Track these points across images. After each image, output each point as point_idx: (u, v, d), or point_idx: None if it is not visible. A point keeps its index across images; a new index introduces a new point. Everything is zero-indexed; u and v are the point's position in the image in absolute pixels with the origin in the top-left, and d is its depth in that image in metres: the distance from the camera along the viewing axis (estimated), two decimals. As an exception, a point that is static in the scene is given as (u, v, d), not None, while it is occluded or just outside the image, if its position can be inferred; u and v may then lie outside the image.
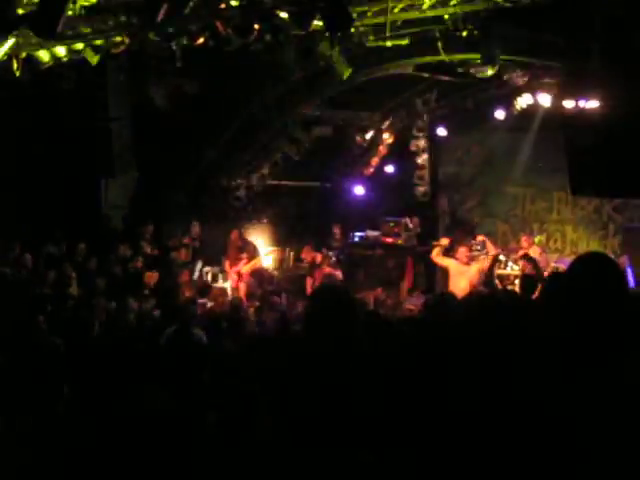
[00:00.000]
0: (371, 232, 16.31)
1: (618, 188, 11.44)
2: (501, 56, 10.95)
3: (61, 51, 10.23)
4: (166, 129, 13.79)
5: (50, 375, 5.58)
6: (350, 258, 16.00)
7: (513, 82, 12.64)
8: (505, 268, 14.18)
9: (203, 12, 9.69)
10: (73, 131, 13.09)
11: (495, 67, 11.23)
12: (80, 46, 10.18)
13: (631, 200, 14.77)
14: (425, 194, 16.67)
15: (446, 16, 10.31)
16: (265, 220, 16.80)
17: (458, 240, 14.13)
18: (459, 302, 3.07)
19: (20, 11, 8.91)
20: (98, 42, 10.16)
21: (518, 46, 11.19)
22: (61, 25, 8.42)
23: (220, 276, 14.85)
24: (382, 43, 10.92)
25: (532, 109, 14.33)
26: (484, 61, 10.76)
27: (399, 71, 13.30)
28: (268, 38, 10.14)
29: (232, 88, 13.56)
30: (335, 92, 14.15)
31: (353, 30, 9.94)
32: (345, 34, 9.73)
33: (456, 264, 12.67)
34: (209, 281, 14.58)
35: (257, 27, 9.88)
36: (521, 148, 15.52)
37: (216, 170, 15.26)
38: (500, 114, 14.84)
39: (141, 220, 14.36)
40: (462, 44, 11.01)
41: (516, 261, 14.09)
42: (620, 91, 9.96)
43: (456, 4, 9.90)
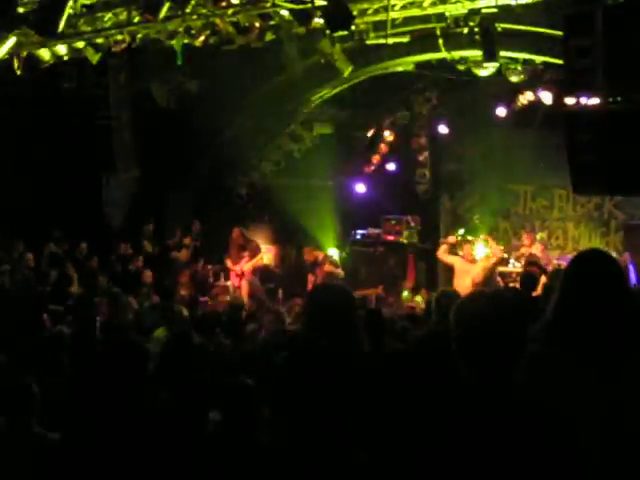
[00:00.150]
0: (372, 230, 16.31)
1: (619, 185, 11.41)
2: (502, 53, 10.95)
3: (62, 49, 10.25)
4: (167, 127, 13.79)
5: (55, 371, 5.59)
6: (351, 256, 16.01)
7: (514, 79, 12.63)
8: (507, 265, 14.17)
9: (204, 10, 9.71)
10: (74, 130, 13.08)
11: (496, 64, 11.23)
12: (81, 44, 10.20)
13: (632, 197, 14.76)
14: (426, 192, 16.67)
15: (447, 13, 10.31)
16: (267, 218, 16.80)
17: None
18: (462, 300, 3.06)
19: (21, 10, 8.93)
20: (99, 40, 10.17)
21: (519, 43, 11.19)
22: (62, 24, 8.44)
23: (222, 274, 14.86)
24: (383, 41, 10.91)
25: (533, 106, 14.32)
26: (485, 58, 10.74)
27: (400, 69, 13.30)
28: (269, 36, 10.17)
29: (233, 86, 13.55)
30: (336, 90, 14.16)
31: (354, 28, 9.93)
32: (346, 32, 9.73)
33: (461, 262, 12.80)
34: (211, 279, 14.59)
35: (258, 25, 9.90)
36: (522, 145, 15.51)
37: (217, 168, 15.26)
38: (501, 111, 14.82)
39: (142, 219, 14.36)
40: (463, 41, 11.01)
41: (518, 258, 14.10)
42: (622, 88, 9.94)
43: (457, 1, 9.90)
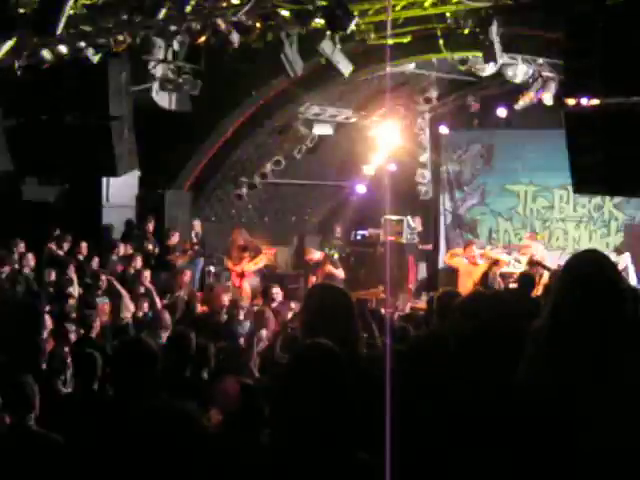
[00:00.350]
0: (373, 230, 16.32)
1: (620, 186, 11.39)
2: (502, 53, 10.94)
3: (63, 50, 10.24)
4: (168, 128, 13.78)
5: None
6: (352, 256, 16.01)
7: (515, 80, 12.62)
8: (507, 266, 14.18)
9: (204, 10, 9.70)
10: (74, 130, 13.07)
11: (497, 65, 11.22)
12: (81, 45, 10.19)
13: (633, 198, 14.75)
14: (427, 192, 16.68)
15: (448, 14, 10.30)
16: (266, 219, 16.80)
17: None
18: (461, 300, 3.07)
19: (21, 10, 8.93)
20: (100, 41, 10.16)
21: (520, 43, 11.18)
22: (62, 24, 8.44)
23: (222, 275, 14.85)
24: (384, 41, 10.91)
25: (534, 107, 14.32)
26: (486, 59, 10.74)
27: (401, 69, 13.29)
28: (270, 37, 10.16)
29: (233, 87, 13.55)
30: (337, 90, 14.16)
31: (354, 28, 9.93)
32: (346, 32, 9.72)
33: (465, 264, 13.04)
34: (211, 280, 14.58)
35: (258, 25, 9.89)
36: (523, 146, 15.51)
37: (218, 169, 15.26)
38: (502, 112, 14.82)
39: (143, 219, 14.36)
40: (464, 42, 11.00)
41: (518, 259, 14.11)
42: (623, 88, 9.93)
43: (458, 2, 9.89)
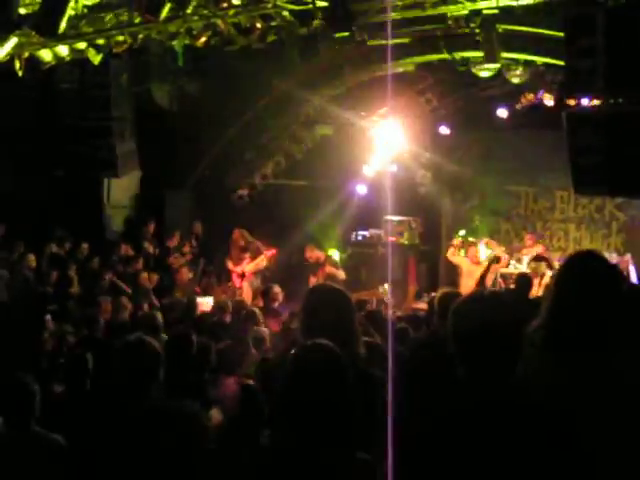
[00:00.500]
0: (374, 231, 16.31)
1: (621, 187, 11.40)
2: (503, 54, 10.94)
3: (63, 50, 10.24)
4: (168, 129, 13.80)
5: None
6: (353, 257, 16.00)
7: (515, 81, 12.62)
8: (508, 267, 14.18)
9: (205, 11, 9.70)
10: (75, 130, 13.08)
11: (497, 65, 11.23)
12: (82, 45, 10.19)
13: (634, 199, 14.75)
14: (428, 193, 16.67)
15: (448, 14, 10.30)
16: (267, 220, 16.79)
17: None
18: (460, 301, 3.07)
19: (22, 10, 8.93)
20: (100, 41, 10.16)
21: (520, 44, 11.18)
22: (63, 24, 8.44)
23: (223, 276, 14.85)
24: (384, 42, 10.90)
25: (534, 107, 14.32)
26: (486, 60, 10.74)
27: (401, 70, 13.30)
28: (271, 37, 10.16)
29: (234, 87, 13.56)
30: (337, 91, 14.16)
31: (355, 29, 9.92)
32: (347, 33, 9.73)
33: (468, 263, 13.15)
34: (212, 281, 14.58)
35: (259, 26, 9.89)
36: (523, 147, 15.51)
37: (219, 169, 15.26)
38: (502, 113, 14.83)
39: (143, 220, 14.36)
40: (464, 43, 11.00)
41: (519, 260, 14.12)
42: (623, 89, 9.93)
43: (458, 2, 9.89)
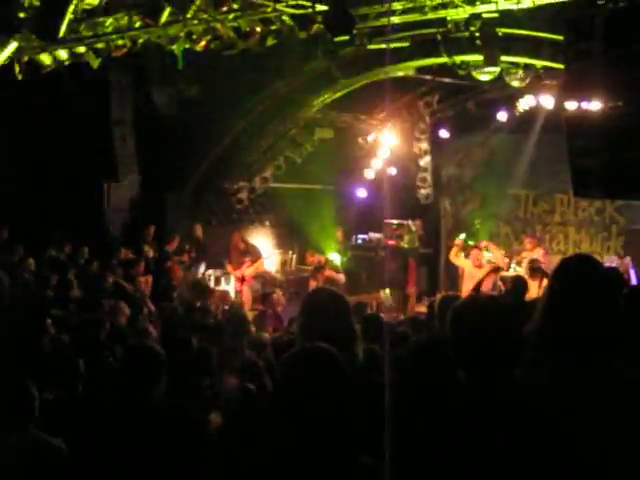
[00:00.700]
0: (374, 234, 16.32)
1: (620, 190, 11.40)
2: (503, 58, 10.95)
3: (63, 54, 10.24)
4: (168, 132, 13.80)
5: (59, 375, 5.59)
6: (352, 261, 16.00)
7: (515, 84, 12.63)
8: (508, 270, 14.18)
9: (205, 15, 9.71)
10: (75, 134, 13.09)
11: (497, 69, 11.24)
12: (82, 49, 10.20)
13: (634, 202, 14.76)
14: (427, 196, 16.68)
15: (448, 18, 10.31)
16: (267, 223, 16.80)
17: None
18: (458, 305, 3.08)
19: (22, 14, 8.93)
20: (100, 45, 10.17)
21: (520, 48, 11.19)
22: (63, 28, 8.44)
23: (223, 279, 14.85)
24: (384, 46, 10.91)
25: (534, 111, 14.34)
26: (486, 63, 10.75)
27: (401, 73, 13.31)
28: (270, 41, 10.17)
29: (234, 91, 13.56)
30: (337, 95, 14.17)
31: (355, 33, 9.93)
32: (347, 37, 9.73)
33: (470, 266, 13.16)
34: (211, 284, 14.58)
35: (259, 30, 9.90)
36: (523, 150, 15.52)
37: (218, 173, 15.27)
38: (502, 116, 14.84)
39: (143, 223, 14.36)
40: (464, 46, 11.01)
41: (519, 263, 14.12)
42: (623, 92, 9.94)
43: (458, 6, 9.90)
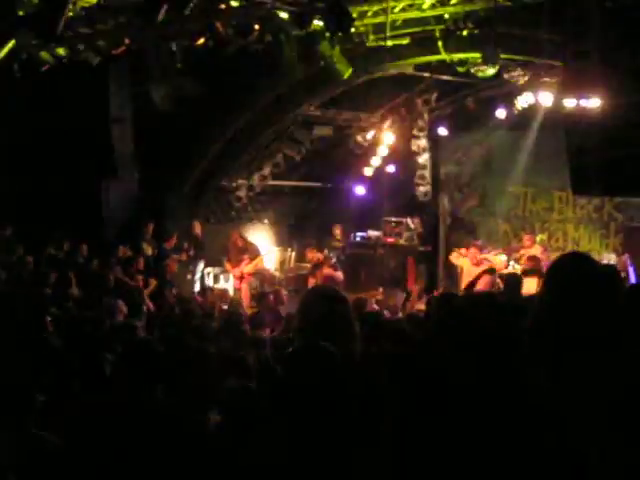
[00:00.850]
0: (372, 232, 16.33)
1: (619, 187, 11.44)
2: (501, 55, 10.95)
3: (62, 52, 10.24)
4: (167, 130, 13.80)
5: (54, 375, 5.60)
6: (351, 258, 16.01)
7: (514, 81, 12.63)
8: (507, 267, 14.18)
9: (203, 13, 9.71)
10: (74, 132, 13.09)
11: (496, 66, 11.24)
12: (81, 47, 10.20)
13: (632, 199, 14.77)
14: (426, 194, 16.68)
15: (446, 15, 10.32)
16: (266, 221, 16.81)
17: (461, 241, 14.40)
18: (456, 303, 3.09)
19: (21, 12, 8.92)
20: (99, 43, 10.17)
21: (518, 45, 11.19)
22: (61, 26, 8.44)
23: (221, 277, 14.85)
24: (382, 43, 10.92)
25: (533, 108, 14.32)
26: (484, 60, 10.76)
27: (399, 71, 13.31)
28: (268, 38, 10.16)
29: (233, 89, 13.56)
30: (336, 92, 14.17)
31: (353, 30, 9.94)
32: (345, 34, 9.74)
33: (469, 264, 13.18)
34: (210, 282, 14.60)
35: (257, 27, 9.90)
36: (522, 147, 15.52)
37: (217, 171, 15.27)
38: (501, 113, 14.83)
39: (142, 221, 14.36)
40: (462, 43, 11.01)
41: (517, 260, 14.12)
42: (621, 89, 9.95)
43: (456, 3, 9.91)
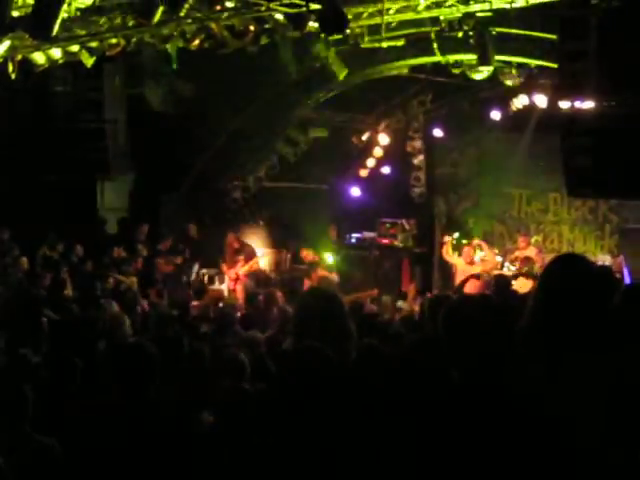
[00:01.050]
0: (367, 233, 16.33)
1: (613, 189, 11.44)
2: (496, 57, 10.96)
3: (56, 53, 10.23)
4: (162, 131, 13.79)
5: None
6: (346, 260, 16.00)
7: (509, 83, 12.65)
8: (502, 269, 14.20)
9: (199, 14, 9.70)
10: (69, 133, 13.07)
11: (491, 68, 11.25)
12: (75, 48, 10.19)
13: (627, 201, 14.79)
14: (421, 195, 16.70)
15: (441, 17, 10.32)
16: (261, 222, 16.79)
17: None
18: (450, 304, 3.10)
19: (15, 13, 8.91)
20: (93, 44, 10.16)
21: (513, 47, 11.21)
22: (56, 27, 8.43)
23: (217, 278, 14.83)
24: (377, 44, 10.92)
25: (528, 110, 14.34)
26: (479, 62, 10.76)
27: (395, 72, 13.32)
28: (264, 40, 10.17)
29: (228, 90, 13.56)
30: (331, 94, 14.16)
31: (348, 31, 9.94)
32: (340, 36, 9.74)
33: (463, 264, 13.14)
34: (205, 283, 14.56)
35: (252, 29, 9.90)
36: (517, 149, 15.53)
37: (212, 172, 15.26)
38: (496, 115, 14.85)
39: (137, 222, 14.35)
40: (457, 45, 11.02)
41: (512, 262, 14.14)
42: (616, 91, 9.96)
43: (451, 5, 9.91)
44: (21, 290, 10.42)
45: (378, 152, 16.23)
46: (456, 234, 15.03)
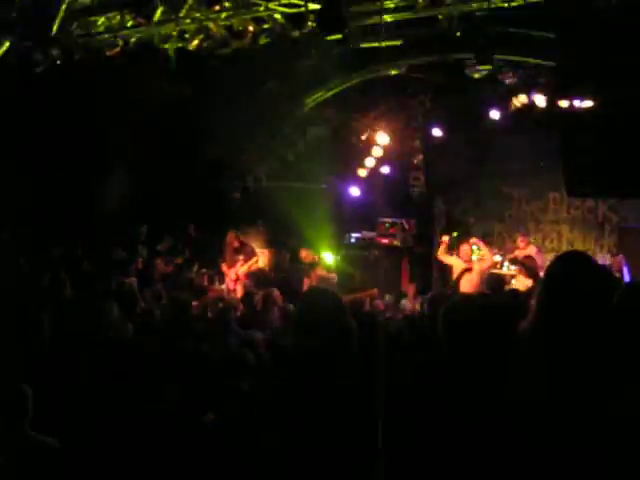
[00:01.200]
0: (367, 233, 16.33)
1: (612, 188, 11.45)
2: (495, 56, 10.96)
3: (56, 52, 10.22)
4: (161, 131, 13.79)
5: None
6: (346, 259, 16.01)
7: (508, 82, 12.64)
8: (501, 269, 14.21)
9: (198, 14, 9.71)
10: (67, 133, 13.07)
11: (490, 67, 11.25)
12: (75, 48, 10.18)
13: (626, 200, 14.79)
14: (421, 195, 16.69)
15: (440, 16, 10.31)
16: (261, 222, 16.78)
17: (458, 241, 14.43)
18: (449, 304, 3.10)
19: (15, 13, 8.92)
20: (92, 44, 10.16)
21: (512, 46, 11.21)
22: (55, 27, 8.45)
23: (217, 278, 14.81)
24: (376, 44, 10.92)
25: (527, 109, 14.33)
26: (478, 61, 10.77)
27: (393, 72, 13.32)
28: (263, 40, 10.17)
29: (227, 90, 13.56)
30: (330, 93, 14.18)
31: (347, 31, 9.93)
32: (340, 35, 9.74)
33: (460, 263, 13.09)
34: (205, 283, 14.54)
35: (252, 29, 9.90)
36: (516, 148, 15.53)
37: (212, 172, 15.25)
38: (495, 114, 14.83)
39: (136, 223, 14.34)
40: (456, 44, 11.02)
41: (512, 261, 14.14)
42: (615, 90, 9.97)
43: (450, 4, 9.91)
44: (21, 290, 10.42)
45: (377, 152, 16.22)
46: (455, 233, 15.04)
